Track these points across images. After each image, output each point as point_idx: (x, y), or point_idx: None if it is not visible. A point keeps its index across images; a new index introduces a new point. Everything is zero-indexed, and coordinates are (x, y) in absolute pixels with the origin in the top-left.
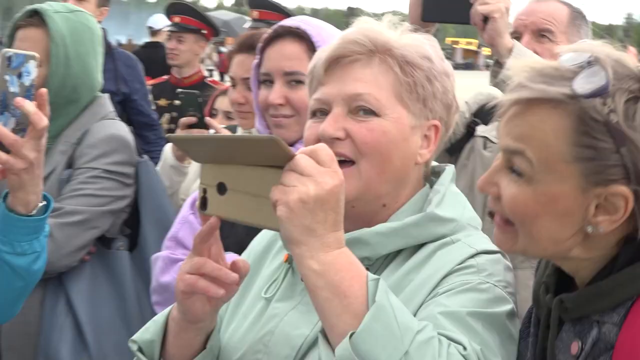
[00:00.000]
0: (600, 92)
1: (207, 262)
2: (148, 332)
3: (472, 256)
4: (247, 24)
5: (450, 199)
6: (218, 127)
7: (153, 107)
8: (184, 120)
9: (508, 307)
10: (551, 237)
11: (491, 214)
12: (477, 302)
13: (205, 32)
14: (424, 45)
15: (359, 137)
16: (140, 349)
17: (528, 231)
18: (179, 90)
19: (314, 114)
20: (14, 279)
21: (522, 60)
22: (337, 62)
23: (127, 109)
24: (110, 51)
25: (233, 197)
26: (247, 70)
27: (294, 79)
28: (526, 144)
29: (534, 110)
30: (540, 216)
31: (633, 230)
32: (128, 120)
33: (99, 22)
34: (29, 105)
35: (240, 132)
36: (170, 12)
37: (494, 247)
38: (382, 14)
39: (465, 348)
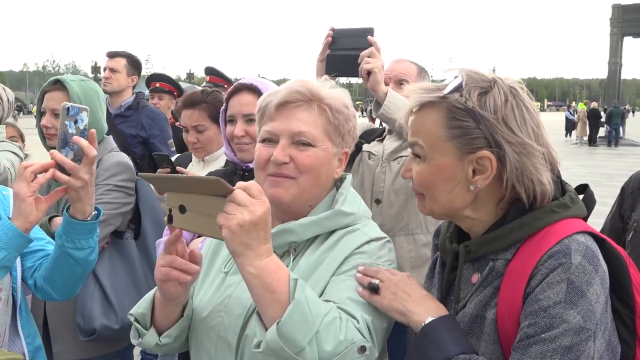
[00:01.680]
0: (457, 89)
1: (176, 259)
2: (141, 307)
3: (367, 242)
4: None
5: (350, 198)
6: (184, 171)
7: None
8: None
9: None
10: (446, 197)
11: (377, 201)
12: None
13: (175, 93)
14: (344, 97)
15: (300, 161)
16: (136, 320)
17: (431, 196)
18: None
19: (263, 140)
20: (75, 267)
21: (416, 84)
22: (285, 106)
23: (148, 148)
24: (138, 107)
25: (191, 216)
26: (192, 120)
27: (250, 118)
28: (418, 136)
29: (421, 113)
30: (436, 183)
31: (506, 193)
32: (150, 157)
33: (133, 87)
34: (84, 142)
35: (194, 159)
36: (150, 79)
37: (382, 234)
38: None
39: (358, 322)
